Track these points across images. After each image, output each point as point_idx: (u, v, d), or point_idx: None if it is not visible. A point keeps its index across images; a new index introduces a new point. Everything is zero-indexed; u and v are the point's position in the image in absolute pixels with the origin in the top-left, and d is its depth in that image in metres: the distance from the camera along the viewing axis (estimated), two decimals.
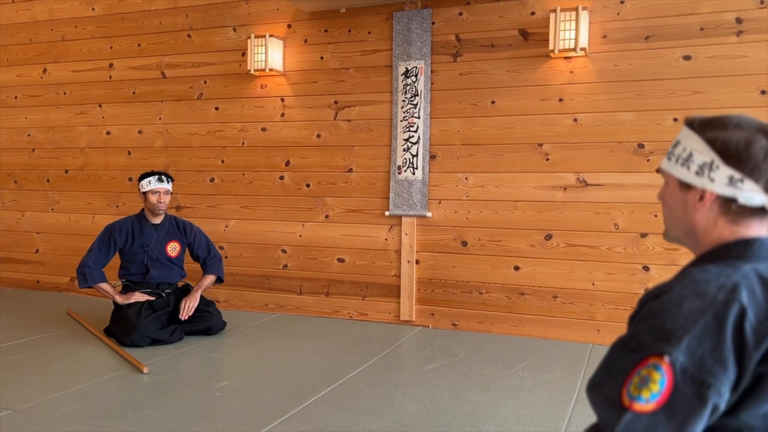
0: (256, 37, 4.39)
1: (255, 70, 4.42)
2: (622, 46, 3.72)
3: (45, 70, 5.24)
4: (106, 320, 3.85)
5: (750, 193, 1.06)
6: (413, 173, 4.16)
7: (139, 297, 3.69)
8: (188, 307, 3.70)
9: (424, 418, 2.55)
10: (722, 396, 0.93)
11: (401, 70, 4.17)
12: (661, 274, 3.66)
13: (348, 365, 3.24)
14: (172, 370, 3.12)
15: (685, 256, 3.62)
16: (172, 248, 3.88)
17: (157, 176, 3.77)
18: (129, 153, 4.97)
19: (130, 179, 4.96)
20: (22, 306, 4.64)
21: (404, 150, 4.17)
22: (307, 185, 4.46)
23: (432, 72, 4.12)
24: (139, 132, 4.93)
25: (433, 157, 4.14)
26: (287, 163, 4.51)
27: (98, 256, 3.77)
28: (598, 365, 1.06)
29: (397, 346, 3.71)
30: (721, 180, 1.08)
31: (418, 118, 4.13)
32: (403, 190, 4.19)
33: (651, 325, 1.00)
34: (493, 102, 4.00)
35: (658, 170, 1.23)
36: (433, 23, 4.11)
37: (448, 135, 4.10)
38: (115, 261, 3.92)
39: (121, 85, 4.98)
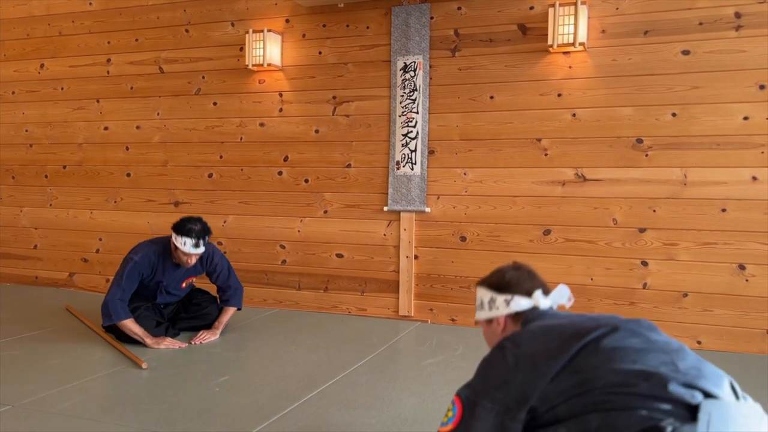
0: (254, 32, 4.38)
1: (253, 65, 4.41)
2: (620, 41, 3.72)
3: (42, 66, 5.23)
4: None
5: (518, 303, 1.66)
6: (412, 168, 4.15)
7: (170, 344, 3.44)
8: (204, 338, 3.55)
9: (423, 413, 2.55)
10: (495, 400, 1.39)
11: (400, 65, 4.16)
12: (660, 269, 3.67)
13: (346, 360, 3.24)
14: (171, 366, 3.13)
15: (684, 251, 3.62)
16: (187, 284, 3.74)
17: (194, 240, 3.39)
18: (127, 148, 4.96)
19: (128, 175, 4.96)
20: (20, 302, 4.64)
21: (403, 145, 4.17)
22: (306, 180, 4.46)
23: (430, 67, 4.11)
24: (137, 127, 4.92)
25: (431, 152, 4.14)
26: (285, 159, 4.51)
27: (124, 294, 3.41)
28: None
29: (396, 341, 3.72)
30: (502, 305, 1.68)
31: (417, 113, 4.12)
32: (401, 185, 4.18)
33: None
34: (491, 97, 3.99)
35: (476, 322, 1.81)
36: (432, 18, 4.10)
37: (446, 130, 4.10)
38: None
39: (119, 80, 4.96)
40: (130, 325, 3.39)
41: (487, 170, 4.02)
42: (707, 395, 1.26)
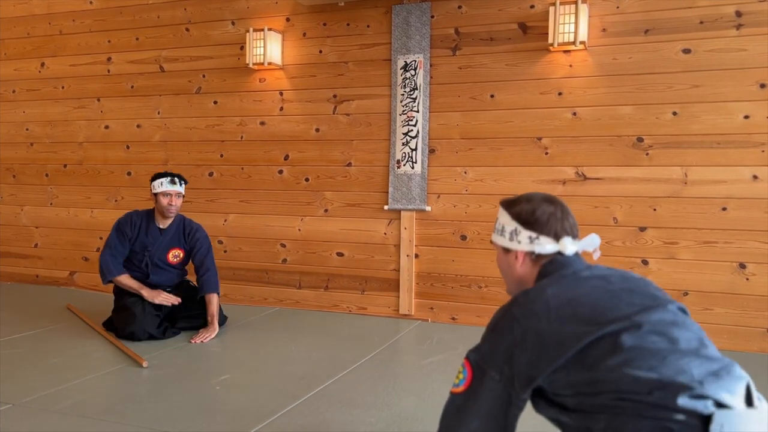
0: (255, 30, 4.37)
1: (253, 64, 4.41)
2: (621, 40, 3.72)
3: (43, 64, 5.23)
4: (105, 314, 3.85)
5: (543, 245, 1.50)
6: (412, 167, 4.15)
7: (166, 298, 3.56)
8: (206, 338, 3.55)
9: (423, 412, 2.55)
10: (503, 373, 1.35)
11: (400, 63, 4.16)
12: (660, 267, 3.67)
13: (347, 359, 3.24)
14: (172, 364, 3.13)
15: (684, 250, 3.62)
16: (174, 255, 3.77)
17: (169, 178, 3.62)
18: (127, 147, 4.96)
19: (129, 173, 4.96)
20: (21, 300, 4.64)
21: (403, 144, 4.17)
22: (306, 179, 4.46)
23: (431, 66, 4.11)
24: (138, 126, 4.92)
25: (432, 151, 4.14)
26: (286, 157, 4.51)
27: (115, 250, 3.64)
28: None
29: (396, 340, 3.72)
30: (524, 241, 1.52)
31: (417, 111, 4.12)
32: (402, 184, 4.18)
33: None
34: (492, 96, 3.99)
35: (491, 242, 1.65)
36: (432, 17, 4.10)
37: (447, 129, 4.10)
38: None
39: (120, 79, 4.97)
40: (125, 280, 3.63)
41: (487, 169, 4.02)
42: (720, 405, 1.22)
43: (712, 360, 1.29)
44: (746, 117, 3.50)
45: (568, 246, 1.49)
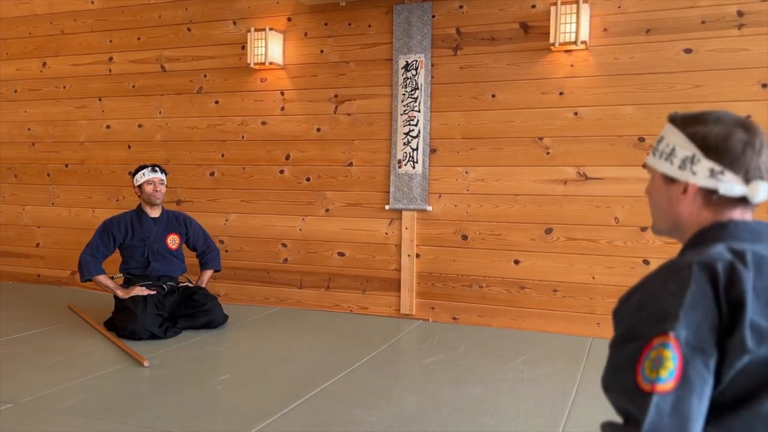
0: (256, 30, 4.37)
1: (255, 64, 4.41)
2: (622, 40, 3.71)
3: (44, 64, 5.23)
4: (107, 314, 3.85)
5: (730, 184, 1.10)
6: (413, 167, 4.15)
7: (140, 291, 3.68)
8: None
9: (424, 412, 2.55)
10: (712, 358, 0.96)
11: (401, 63, 4.16)
12: None
13: (348, 359, 3.24)
14: (173, 364, 3.13)
15: None
16: (172, 240, 3.93)
17: (149, 167, 3.88)
18: (129, 147, 4.96)
19: (130, 173, 4.95)
20: (22, 300, 4.65)
21: (404, 144, 4.17)
22: (307, 179, 4.46)
23: (432, 65, 4.11)
24: (139, 126, 4.93)
25: (433, 150, 4.13)
26: (287, 157, 4.51)
27: (96, 250, 3.80)
28: (605, 367, 1.07)
29: (397, 339, 3.72)
30: (702, 173, 1.11)
31: (419, 111, 4.12)
32: (403, 183, 4.18)
33: (645, 314, 1.02)
34: (493, 95, 3.99)
35: (644, 165, 1.25)
36: (434, 16, 4.10)
37: (448, 129, 4.10)
38: (116, 256, 3.93)
39: (121, 78, 4.97)
40: (102, 279, 3.75)
41: (488, 169, 4.02)
42: None
43: None
44: (748, 117, 3.48)
45: (761, 191, 1.09)
